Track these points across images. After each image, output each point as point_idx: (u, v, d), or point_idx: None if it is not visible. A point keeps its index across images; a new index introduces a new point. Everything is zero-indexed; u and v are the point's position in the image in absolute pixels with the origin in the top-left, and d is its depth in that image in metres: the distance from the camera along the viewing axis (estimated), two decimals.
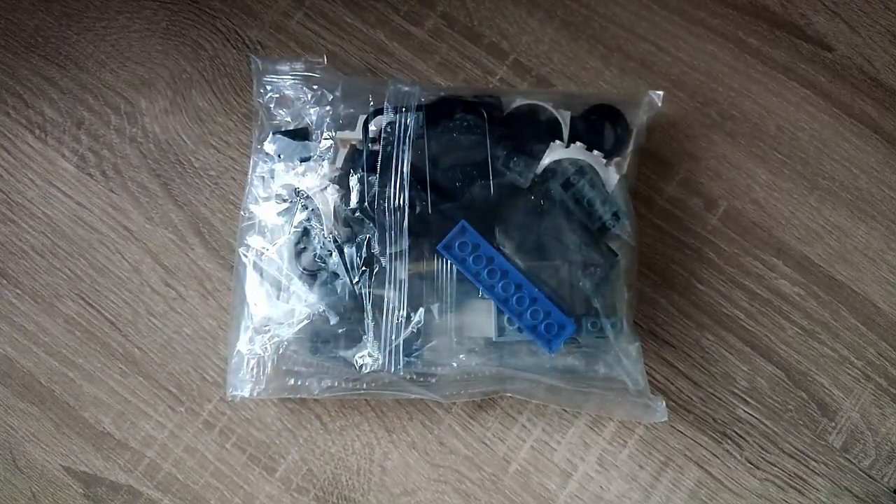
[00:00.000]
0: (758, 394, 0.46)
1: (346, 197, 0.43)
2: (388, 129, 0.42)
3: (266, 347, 0.42)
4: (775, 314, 0.47)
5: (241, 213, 0.44)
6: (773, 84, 0.50)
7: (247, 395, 0.42)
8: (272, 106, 0.45)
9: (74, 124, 0.49)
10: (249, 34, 0.50)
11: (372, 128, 0.43)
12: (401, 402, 0.46)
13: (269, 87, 0.45)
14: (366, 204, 0.42)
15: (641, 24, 0.51)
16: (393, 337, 0.41)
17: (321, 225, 0.43)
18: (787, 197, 0.49)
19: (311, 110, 0.44)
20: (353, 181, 0.43)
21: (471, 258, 0.42)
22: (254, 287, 0.43)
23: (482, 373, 0.42)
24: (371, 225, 0.42)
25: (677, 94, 0.50)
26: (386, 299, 0.41)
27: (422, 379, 0.42)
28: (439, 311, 0.41)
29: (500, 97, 0.45)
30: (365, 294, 0.41)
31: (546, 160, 0.43)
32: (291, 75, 0.45)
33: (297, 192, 0.43)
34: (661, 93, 0.46)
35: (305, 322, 0.42)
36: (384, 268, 0.41)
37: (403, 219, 0.41)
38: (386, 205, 0.41)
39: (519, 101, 0.45)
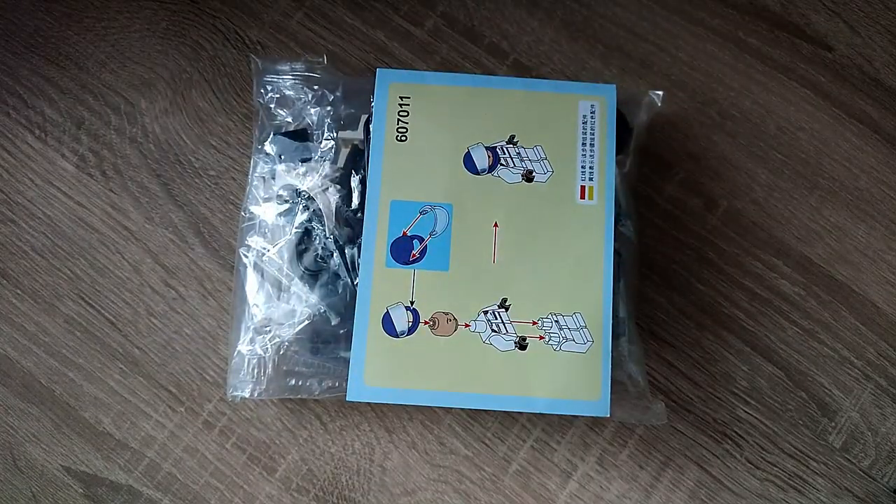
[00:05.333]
0: (758, 394, 0.46)
1: (347, 197, 0.43)
2: None
3: (267, 348, 0.42)
4: (775, 314, 0.47)
5: (242, 213, 0.44)
6: (773, 84, 0.50)
7: (247, 395, 0.42)
8: (272, 106, 0.45)
9: (74, 124, 0.49)
10: (249, 34, 0.50)
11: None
12: None
13: (269, 88, 0.45)
14: None
15: (641, 24, 0.51)
16: None
17: (322, 226, 0.43)
18: (787, 197, 0.49)
19: (312, 110, 0.44)
20: (355, 181, 0.43)
21: None
22: (254, 287, 0.43)
23: None
24: None
25: (677, 94, 0.50)
26: None
27: None
28: None
29: None
30: None
31: None
32: (292, 75, 0.45)
33: (298, 193, 0.43)
34: (661, 93, 0.46)
35: (306, 322, 0.42)
36: None
37: None
38: None
39: None
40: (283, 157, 0.44)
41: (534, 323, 0.40)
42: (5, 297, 0.47)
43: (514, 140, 0.42)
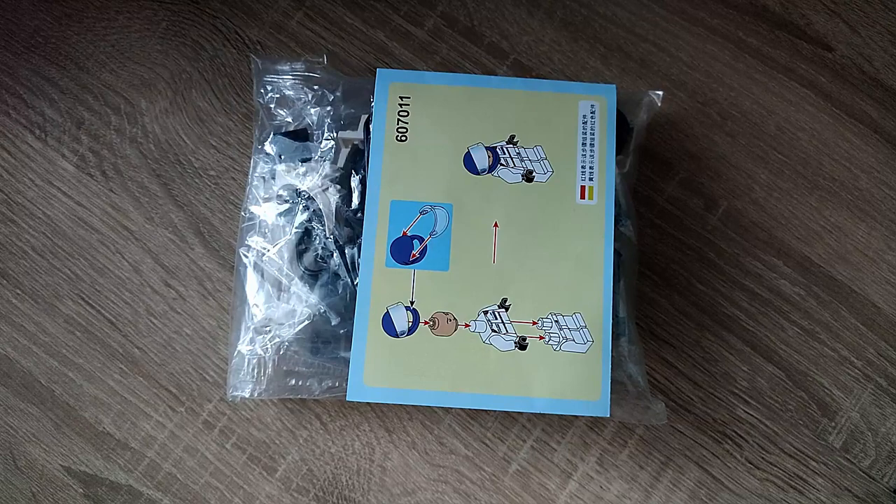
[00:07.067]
0: (758, 394, 0.46)
1: (347, 197, 0.43)
2: None
3: (267, 348, 0.42)
4: (775, 314, 0.47)
5: (242, 213, 0.44)
6: (773, 84, 0.50)
7: (247, 395, 0.42)
8: (272, 106, 0.45)
9: (74, 124, 0.49)
10: (249, 34, 0.50)
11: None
12: None
13: (269, 88, 0.45)
14: None
15: (641, 24, 0.51)
16: None
17: (322, 226, 0.43)
18: (787, 197, 0.49)
19: (312, 110, 0.44)
20: (355, 181, 0.43)
21: None
22: (254, 287, 0.43)
23: None
24: None
25: (677, 94, 0.50)
26: None
27: None
28: None
29: None
30: None
31: None
32: (292, 75, 0.45)
33: (298, 193, 0.43)
34: (661, 93, 0.46)
35: (306, 322, 0.42)
36: None
37: None
38: None
39: None
40: (283, 157, 0.44)
41: (534, 323, 0.40)
42: (5, 297, 0.47)
43: (514, 140, 0.42)
